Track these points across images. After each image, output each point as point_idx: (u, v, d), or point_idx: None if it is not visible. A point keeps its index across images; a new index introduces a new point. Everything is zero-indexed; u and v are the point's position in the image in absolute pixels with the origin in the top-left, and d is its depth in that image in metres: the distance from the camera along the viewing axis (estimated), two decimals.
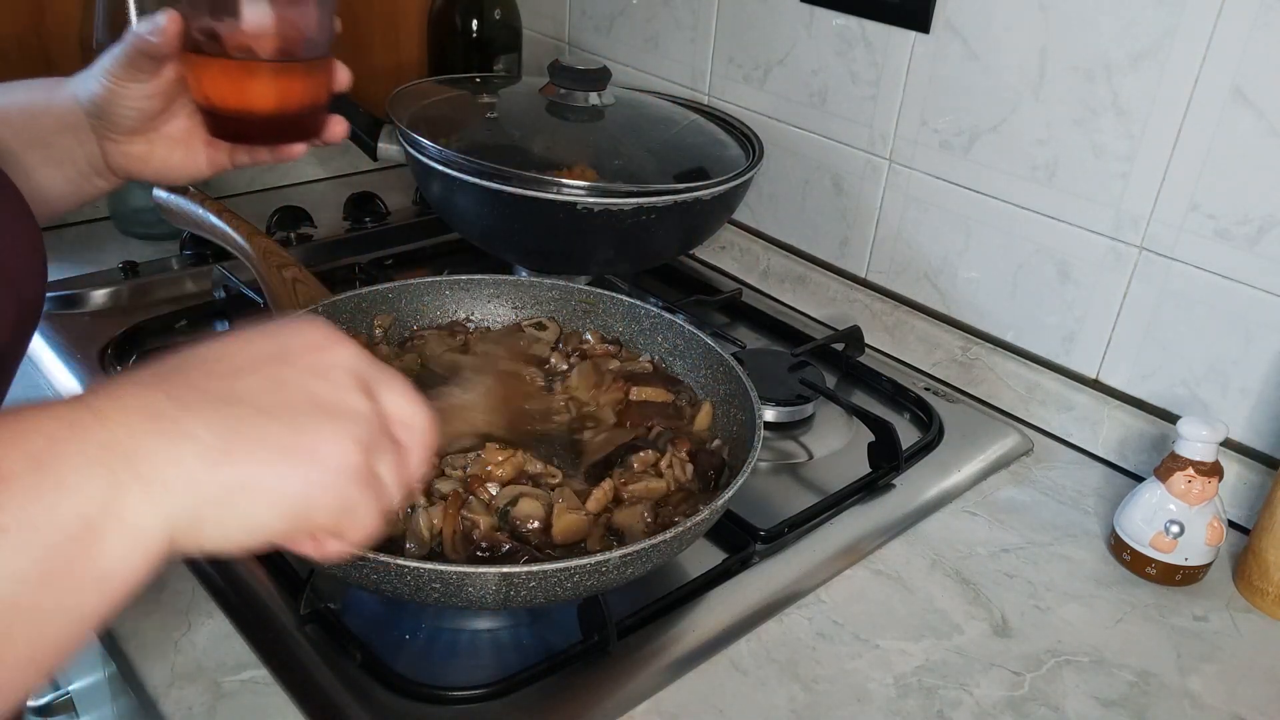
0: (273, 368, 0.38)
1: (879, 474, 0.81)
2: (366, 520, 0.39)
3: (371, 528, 0.40)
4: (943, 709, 0.62)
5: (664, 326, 0.81)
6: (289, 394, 0.38)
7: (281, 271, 0.85)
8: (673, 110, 1.09)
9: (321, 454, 0.37)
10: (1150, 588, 0.74)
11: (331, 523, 0.38)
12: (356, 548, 0.40)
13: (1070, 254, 0.89)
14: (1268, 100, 0.74)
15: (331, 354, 0.40)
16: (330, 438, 0.37)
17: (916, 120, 0.96)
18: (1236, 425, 0.81)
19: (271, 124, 0.64)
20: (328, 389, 0.39)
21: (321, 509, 0.37)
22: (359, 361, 0.41)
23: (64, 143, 0.62)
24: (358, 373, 0.40)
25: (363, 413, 0.39)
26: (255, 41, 0.60)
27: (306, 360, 0.39)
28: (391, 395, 0.42)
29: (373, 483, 0.39)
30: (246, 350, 0.39)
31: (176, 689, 0.59)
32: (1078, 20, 0.83)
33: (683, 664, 0.63)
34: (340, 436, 0.38)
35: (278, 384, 0.38)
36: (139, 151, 0.64)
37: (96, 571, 0.32)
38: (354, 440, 0.38)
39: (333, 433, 0.38)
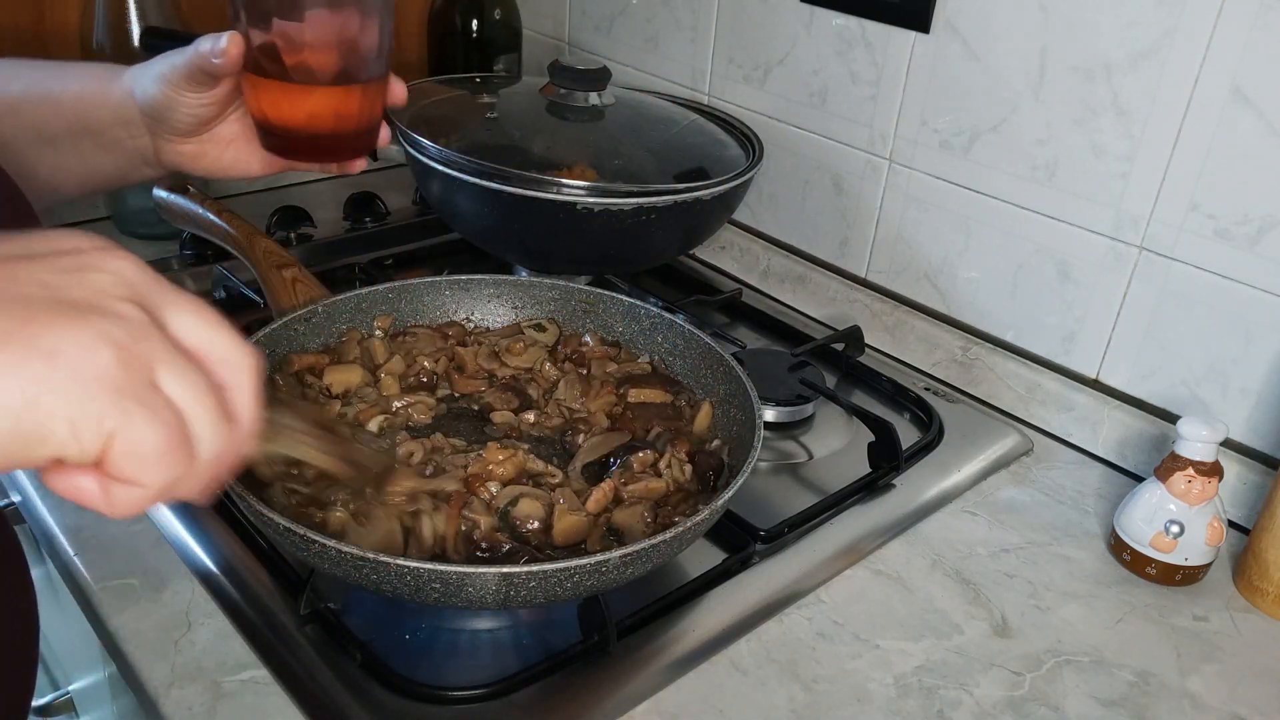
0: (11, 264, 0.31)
1: (879, 474, 0.82)
2: (146, 445, 0.31)
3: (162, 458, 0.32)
4: (943, 709, 0.62)
5: (664, 326, 0.81)
6: (21, 286, 0.31)
7: (281, 271, 0.85)
8: (673, 110, 1.09)
9: (53, 348, 0.30)
10: (1150, 588, 0.74)
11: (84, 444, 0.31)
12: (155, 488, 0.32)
13: (1070, 254, 0.89)
14: (1268, 100, 0.74)
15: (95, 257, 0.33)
16: (69, 331, 0.30)
17: (916, 120, 0.96)
18: (1236, 425, 0.81)
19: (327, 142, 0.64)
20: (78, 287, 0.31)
21: (59, 419, 0.30)
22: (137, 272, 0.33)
23: (116, 134, 0.63)
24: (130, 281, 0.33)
25: (125, 313, 0.32)
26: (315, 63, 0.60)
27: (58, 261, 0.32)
28: (184, 317, 0.34)
29: (145, 398, 0.31)
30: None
31: (176, 689, 0.59)
32: (1078, 20, 0.83)
33: (683, 664, 0.63)
34: (83, 331, 0.30)
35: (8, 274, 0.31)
36: (191, 150, 0.64)
37: None
38: (104, 338, 0.30)
39: (73, 326, 0.30)
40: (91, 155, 0.63)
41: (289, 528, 0.54)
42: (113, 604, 0.64)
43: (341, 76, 0.61)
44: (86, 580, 0.66)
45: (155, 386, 0.32)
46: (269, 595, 0.66)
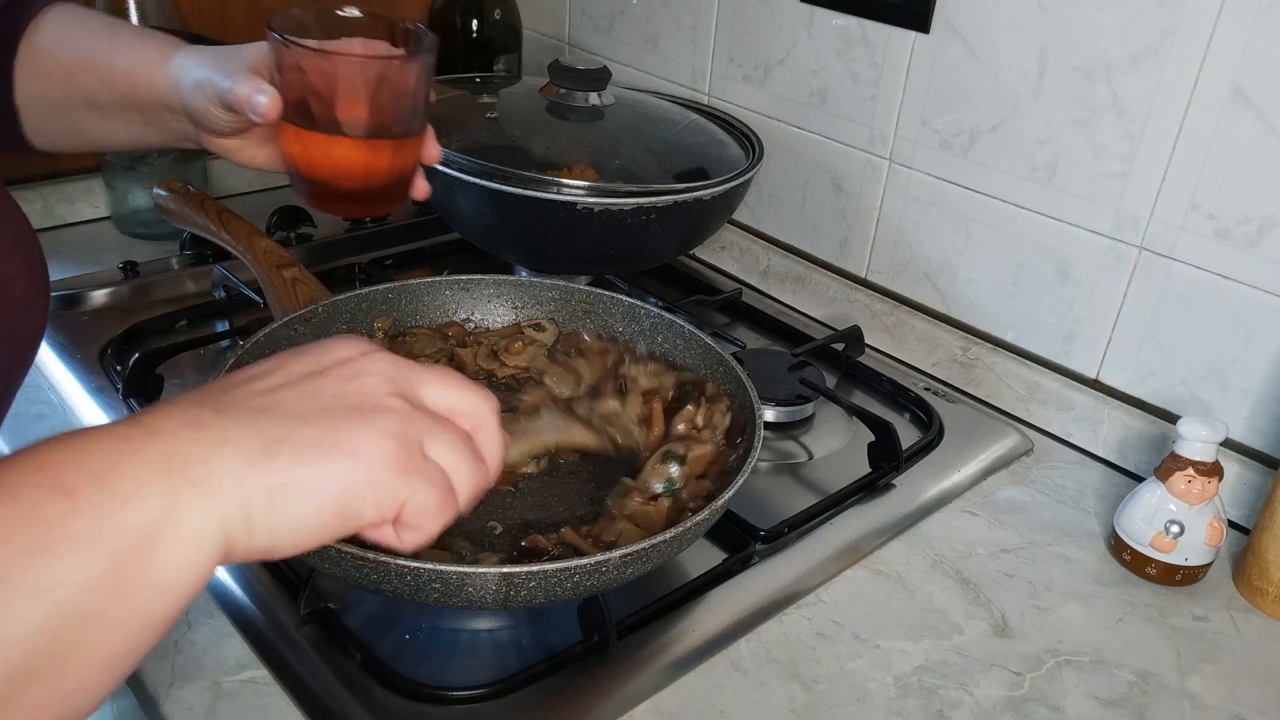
0: (307, 382, 0.41)
1: (879, 474, 0.81)
2: (427, 505, 0.40)
3: (437, 510, 0.41)
4: (943, 709, 0.62)
5: (664, 326, 0.81)
6: (322, 400, 0.40)
7: (281, 271, 0.85)
8: (673, 110, 1.09)
9: (354, 448, 0.39)
10: (1150, 588, 0.74)
11: (386, 513, 0.40)
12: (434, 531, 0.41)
13: (1070, 254, 0.89)
14: (1268, 100, 0.74)
15: (364, 363, 0.42)
16: (362, 432, 0.39)
17: (916, 120, 0.96)
18: (1236, 425, 0.81)
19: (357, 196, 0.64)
20: (359, 393, 0.41)
21: (367, 501, 0.39)
22: (392, 366, 0.43)
23: (160, 116, 0.65)
24: (390, 376, 0.42)
25: (395, 407, 0.41)
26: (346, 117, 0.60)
27: (338, 371, 0.42)
28: (434, 389, 0.43)
29: (420, 469, 0.40)
30: (282, 369, 0.41)
31: (176, 689, 0.59)
32: (1078, 20, 0.83)
33: (683, 664, 0.63)
34: (372, 431, 0.39)
35: (311, 394, 0.40)
36: (230, 144, 0.66)
37: (160, 576, 0.34)
38: (387, 432, 0.39)
39: (366, 428, 0.39)
40: (138, 128, 0.65)
41: None
42: None
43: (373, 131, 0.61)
44: None
45: (426, 457, 0.41)
46: (269, 595, 0.66)
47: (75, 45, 0.64)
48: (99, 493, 0.33)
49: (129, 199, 1.11)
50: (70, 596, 0.31)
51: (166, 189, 0.95)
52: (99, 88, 0.64)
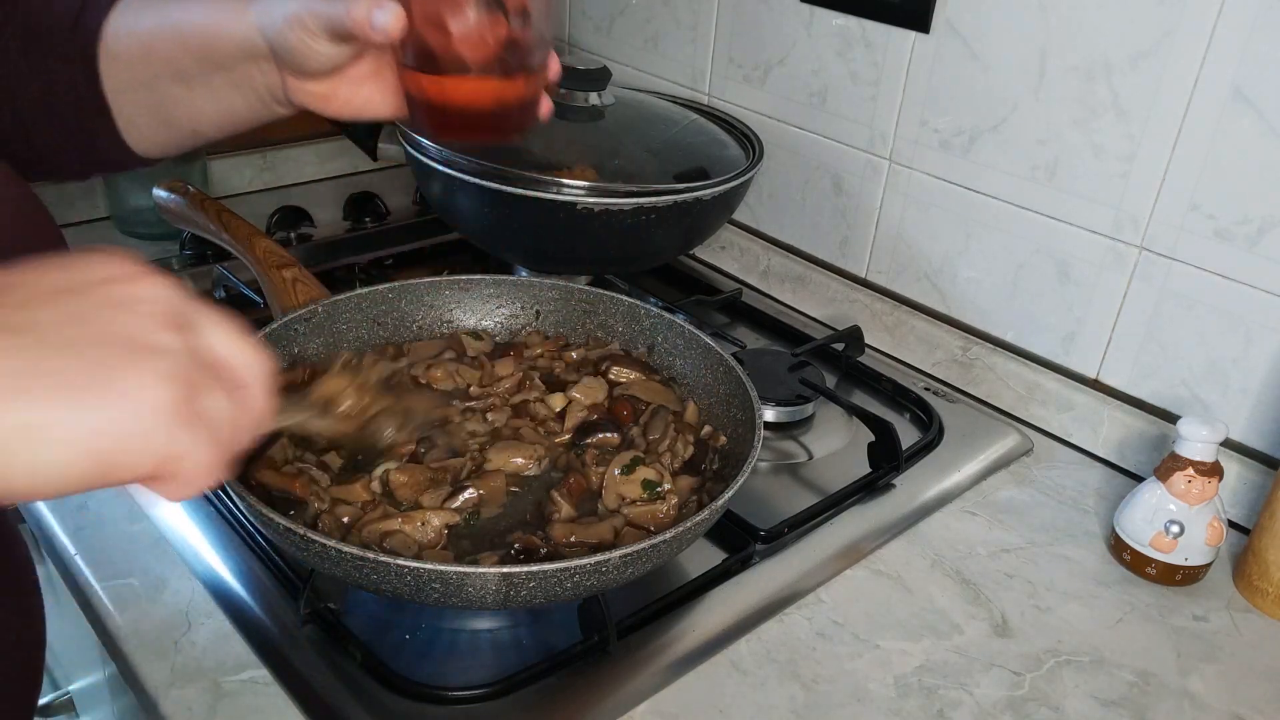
0: (68, 299, 0.35)
1: (879, 474, 0.81)
2: (199, 458, 0.36)
3: (209, 467, 0.37)
4: (943, 709, 0.62)
5: (664, 326, 0.81)
6: (87, 328, 0.34)
7: (281, 271, 0.85)
8: (673, 110, 1.09)
9: (124, 390, 0.34)
10: (1150, 588, 0.74)
11: (152, 470, 0.35)
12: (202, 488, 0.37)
13: (1070, 254, 0.89)
14: (1268, 100, 0.74)
15: (139, 286, 0.37)
16: (135, 374, 0.34)
17: (916, 120, 0.96)
18: (1236, 425, 0.81)
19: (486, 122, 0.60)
20: (132, 322, 0.35)
21: (133, 454, 0.34)
22: (170, 295, 0.37)
23: (246, 70, 0.59)
24: (168, 307, 0.37)
25: (174, 348, 0.36)
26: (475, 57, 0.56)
27: (108, 291, 0.36)
28: (213, 333, 0.39)
29: (197, 422, 0.36)
30: (40, 280, 0.35)
31: (176, 689, 0.59)
32: (1078, 20, 0.83)
33: (683, 664, 0.63)
34: (147, 372, 0.34)
35: (73, 317, 0.34)
36: (321, 90, 0.59)
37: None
38: (163, 375, 0.35)
39: (136, 368, 0.34)
40: (224, 93, 0.60)
41: (289, 528, 0.54)
42: (113, 604, 0.64)
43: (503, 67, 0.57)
44: (87, 580, 0.66)
45: (200, 409, 0.36)
46: (269, 595, 0.66)
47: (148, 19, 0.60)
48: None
49: (129, 199, 1.11)
50: None
51: (166, 189, 0.95)
52: (178, 52, 0.59)
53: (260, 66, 0.58)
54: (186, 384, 0.36)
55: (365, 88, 0.60)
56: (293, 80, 0.58)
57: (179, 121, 0.61)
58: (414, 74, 0.57)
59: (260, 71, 0.59)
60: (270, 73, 0.59)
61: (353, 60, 0.57)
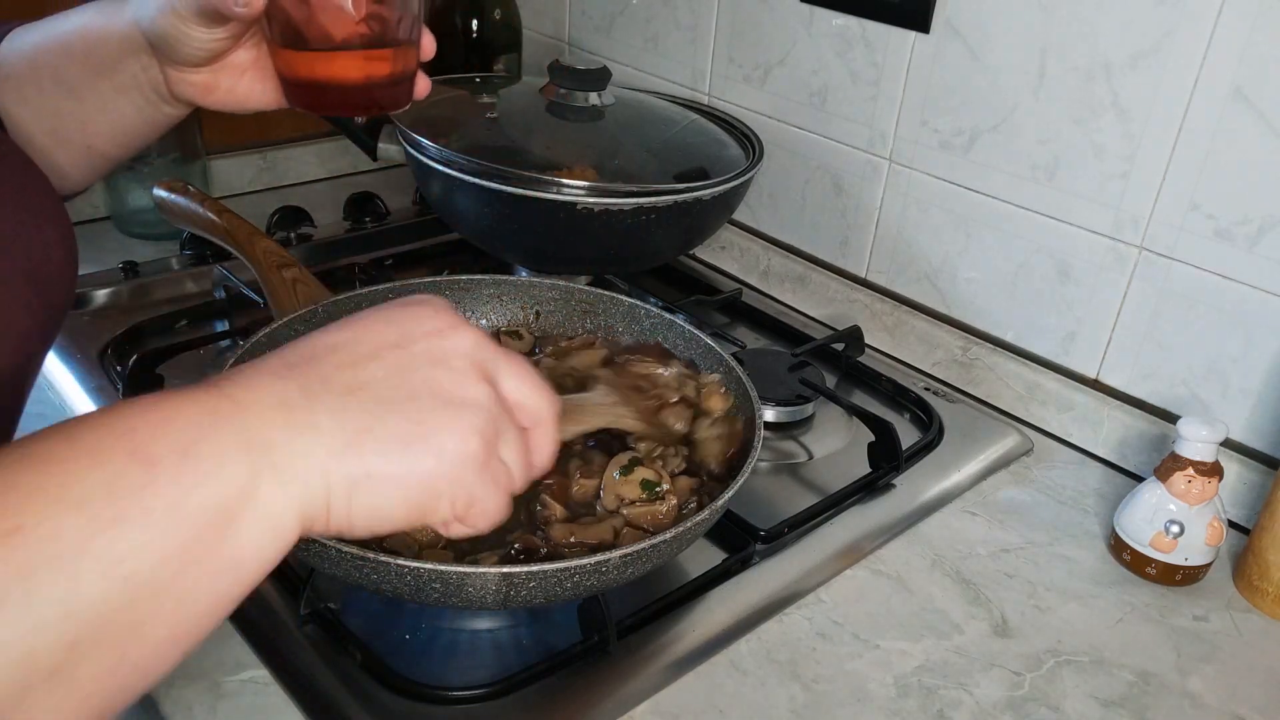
0: (394, 354, 0.39)
1: (879, 474, 0.81)
2: (490, 504, 0.40)
3: (497, 511, 0.41)
4: (943, 709, 0.62)
5: (664, 326, 0.81)
6: (410, 383, 0.39)
7: (282, 271, 0.85)
8: (673, 110, 1.09)
9: (442, 445, 0.38)
10: (1150, 588, 0.74)
11: (458, 512, 0.39)
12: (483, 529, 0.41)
13: (1070, 254, 0.89)
14: (1268, 100, 0.74)
15: (452, 340, 0.41)
16: (451, 429, 0.38)
17: (916, 120, 0.96)
18: (1236, 425, 0.81)
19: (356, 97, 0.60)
20: (448, 378, 0.39)
21: (444, 497, 0.39)
22: (478, 347, 0.41)
23: (128, 68, 0.59)
24: (477, 359, 0.41)
25: (483, 402, 0.40)
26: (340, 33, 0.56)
27: (426, 345, 0.40)
28: (511, 380, 0.42)
29: (494, 469, 0.40)
30: (369, 336, 0.40)
31: (176, 689, 0.59)
32: (1078, 20, 0.83)
33: (683, 664, 0.63)
34: (460, 427, 0.38)
35: (399, 372, 0.39)
36: (202, 81, 0.60)
37: (233, 555, 0.34)
38: (474, 431, 0.39)
39: (453, 424, 0.38)
40: (112, 100, 0.60)
41: None
42: None
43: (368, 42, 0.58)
44: None
45: (498, 456, 0.40)
46: (269, 595, 0.66)
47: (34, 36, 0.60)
48: (181, 466, 0.33)
49: (129, 199, 1.11)
50: (141, 570, 0.31)
51: (166, 189, 0.95)
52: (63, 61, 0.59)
53: (142, 61, 0.59)
54: (490, 436, 0.40)
55: (246, 77, 0.61)
56: (174, 73, 0.59)
57: (73, 138, 0.62)
58: (282, 51, 0.58)
59: (142, 67, 0.59)
60: (152, 68, 0.59)
61: (232, 48, 0.59)
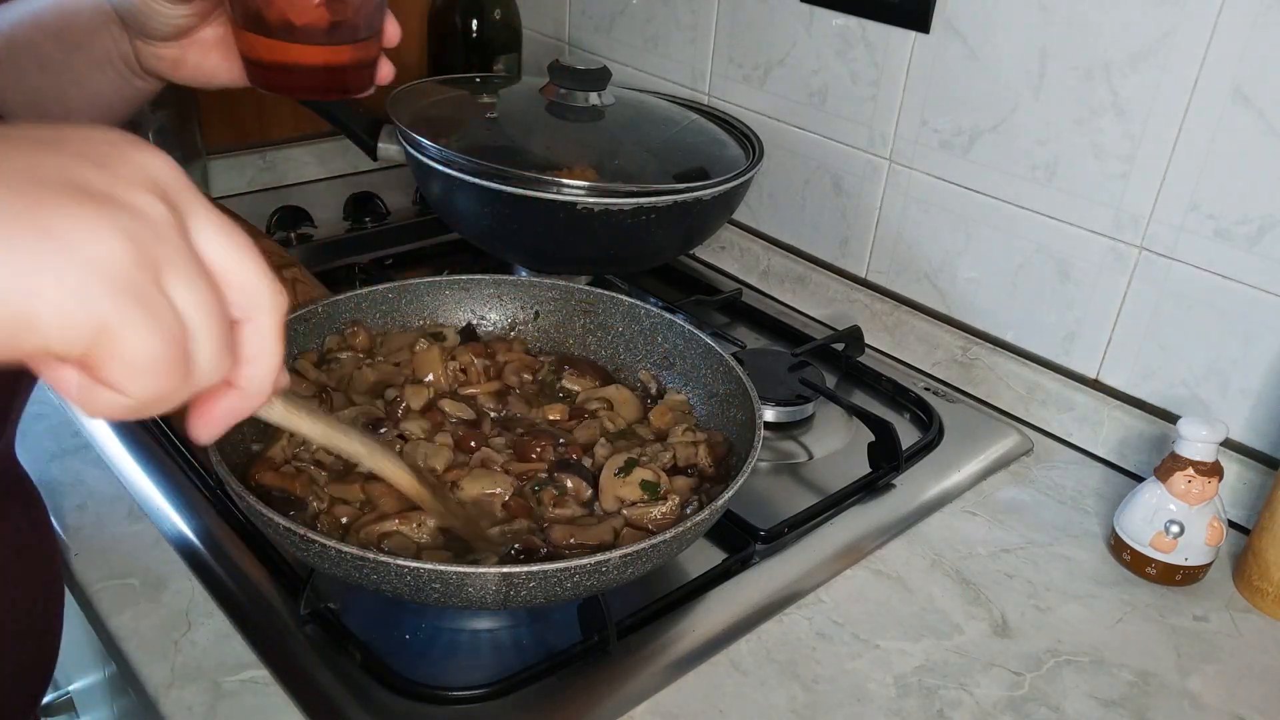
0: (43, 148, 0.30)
1: (879, 474, 0.81)
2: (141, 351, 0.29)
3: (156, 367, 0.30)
4: (943, 709, 0.62)
5: (664, 326, 0.81)
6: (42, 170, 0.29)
7: (282, 271, 0.85)
8: (673, 110, 1.09)
9: (58, 232, 0.28)
10: (1150, 588, 0.74)
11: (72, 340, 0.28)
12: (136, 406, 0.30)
13: (1070, 254, 0.89)
14: (1268, 100, 0.74)
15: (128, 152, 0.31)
16: (78, 217, 0.28)
17: (916, 120, 0.96)
18: (1236, 425, 0.81)
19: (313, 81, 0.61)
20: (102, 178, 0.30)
21: (50, 307, 0.28)
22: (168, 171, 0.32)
23: (100, 42, 0.60)
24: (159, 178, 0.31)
25: (145, 210, 0.30)
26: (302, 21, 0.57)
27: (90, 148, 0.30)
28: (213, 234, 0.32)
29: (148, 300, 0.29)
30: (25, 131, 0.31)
31: (176, 689, 0.59)
32: (1078, 20, 0.83)
33: (683, 664, 0.63)
34: (94, 220, 0.28)
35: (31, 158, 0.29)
36: (171, 55, 0.61)
37: None
38: (118, 230, 0.29)
39: (85, 213, 0.28)
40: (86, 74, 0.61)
41: (289, 528, 0.54)
42: (113, 604, 0.64)
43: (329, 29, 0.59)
44: (86, 580, 0.66)
45: (162, 292, 0.30)
46: (269, 595, 0.66)
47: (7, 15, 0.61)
48: None
49: None
50: None
51: None
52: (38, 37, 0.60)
53: (113, 33, 0.60)
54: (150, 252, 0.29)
55: (214, 54, 0.61)
56: (143, 46, 0.60)
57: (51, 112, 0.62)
58: (243, 32, 0.58)
59: (114, 40, 0.60)
60: (122, 40, 0.60)
61: (200, 25, 0.59)
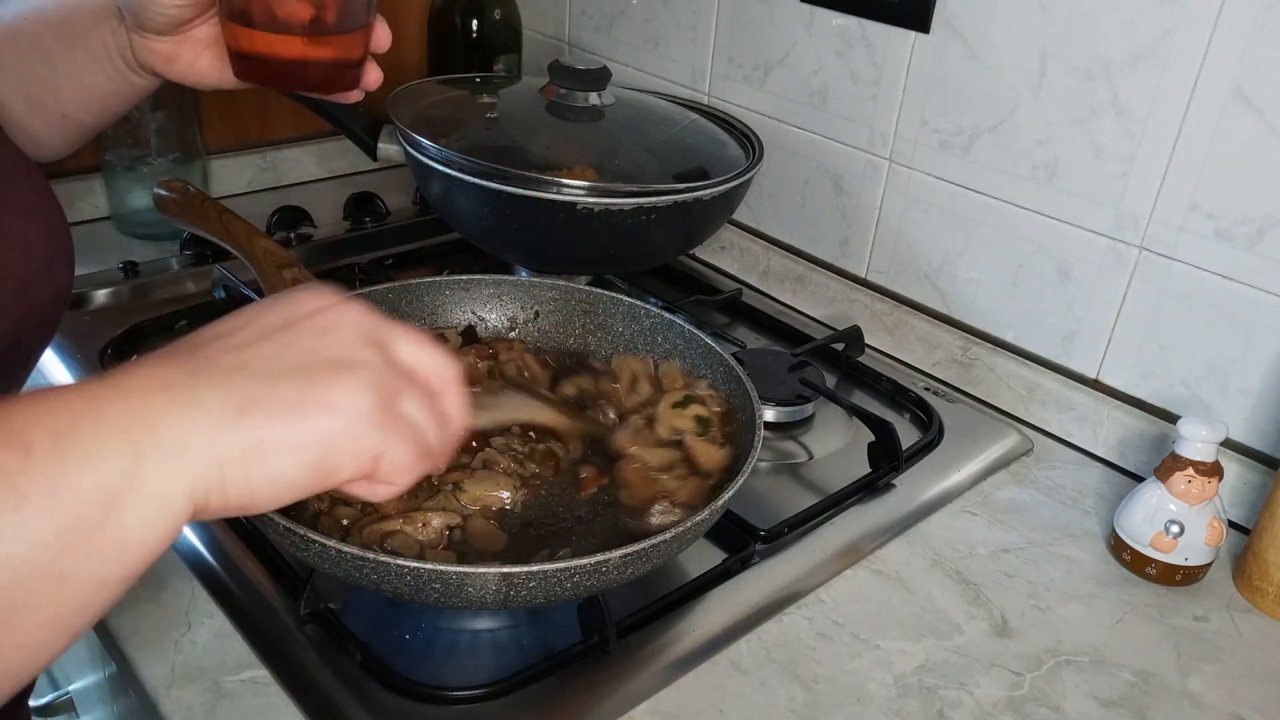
0: (280, 335, 0.40)
1: (879, 474, 0.81)
2: (402, 459, 0.40)
3: (413, 466, 0.41)
4: (943, 709, 0.62)
5: (664, 326, 0.81)
6: (297, 355, 0.39)
7: (281, 271, 0.85)
8: (673, 110, 1.09)
9: (332, 403, 0.38)
10: (1150, 588, 0.74)
11: (362, 468, 0.40)
12: (408, 483, 0.42)
13: (1070, 254, 0.89)
14: (1268, 100, 0.74)
15: (336, 314, 0.41)
16: (339, 388, 0.39)
17: (916, 120, 0.96)
18: (1236, 425, 0.81)
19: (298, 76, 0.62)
20: (334, 345, 0.40)
21: (345, 455, 0.39)
22: (365, 318, 0.42)
23: (99, 36, 0.62)
24: (363, 328, 0.42)
25: (371, 362, 0.40)
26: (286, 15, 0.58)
27: (312, 322, 0.41)
28: (404, 345, 0.43)
29: (396, 424, 0.40)
30: (255, 323, 0.40)
31: (176, 689, 0.59)
32: (1078, 20, 0.83)
33: (683, 664, 0.63)
34: (349, 385, 0.39)
35: (285, 348, 0.39)
36: (165, 50, 0.62)
37: (119, 536, 0.34)
38: (365, 385, 0.39)
39: (342, 382, 0.39)
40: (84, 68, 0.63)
41: (289, 528, 0.54)
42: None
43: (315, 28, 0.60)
44: None
45: (399, 412, 0.40)
46: (269, 595, 0.66)
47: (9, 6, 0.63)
48: (57, 451, 0.32)
49: (129, 199, 1.11)
50: (17, 554, 0.31)
51: (166, 189, 0.95)
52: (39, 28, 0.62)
53: (111, 26, 0.62)
54: (384, 391, 0.40)
55: (207, 53, 0.63)
56: (139, 40, 0.61)
57: (48, 105, 0.64)
58: (229, 23, 0.59)
59: (112, 33, 0.62)
60: (120, 34, 0.62)
61: (196, 19, 0.61)
